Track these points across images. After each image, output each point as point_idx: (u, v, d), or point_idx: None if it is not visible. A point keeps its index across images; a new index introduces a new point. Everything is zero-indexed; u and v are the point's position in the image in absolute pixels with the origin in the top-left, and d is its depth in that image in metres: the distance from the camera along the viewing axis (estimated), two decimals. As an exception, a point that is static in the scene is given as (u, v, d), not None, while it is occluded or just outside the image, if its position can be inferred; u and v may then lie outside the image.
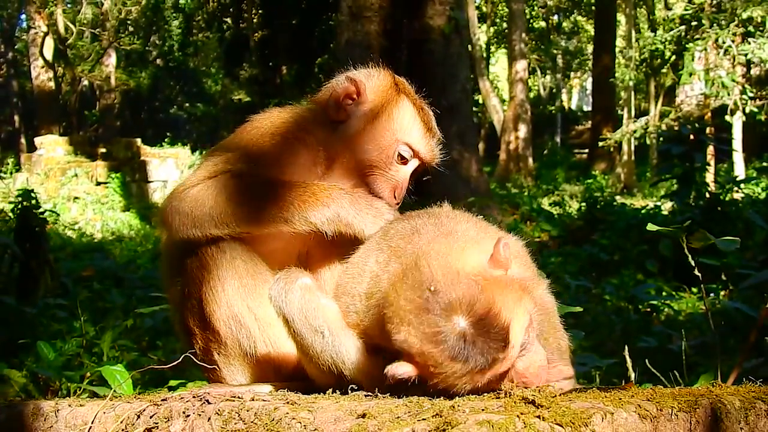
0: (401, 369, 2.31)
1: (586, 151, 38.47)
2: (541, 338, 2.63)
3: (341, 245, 2.98)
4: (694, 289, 10.75)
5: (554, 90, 60.40)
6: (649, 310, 10.03)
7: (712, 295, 10.16)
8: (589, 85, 54.61)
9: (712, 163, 20.14)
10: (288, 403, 2.32)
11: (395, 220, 2.98)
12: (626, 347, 3.45)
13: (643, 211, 16.06)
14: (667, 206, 16.47)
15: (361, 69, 3.37)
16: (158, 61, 51.46)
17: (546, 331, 2.72)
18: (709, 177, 16.24)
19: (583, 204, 17.63)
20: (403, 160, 3.25)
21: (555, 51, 54.32)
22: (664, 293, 10.73)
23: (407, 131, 3.25)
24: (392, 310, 2.33)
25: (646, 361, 3.91)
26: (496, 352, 2.25)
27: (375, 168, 3.21)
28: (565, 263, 13.19)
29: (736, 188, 15.06)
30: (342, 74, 3.34)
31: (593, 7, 41.06)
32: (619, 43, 36.05)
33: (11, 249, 10.37)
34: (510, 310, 2.28)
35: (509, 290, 2.34)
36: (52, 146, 26.40)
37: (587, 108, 56.33)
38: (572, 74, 61.06)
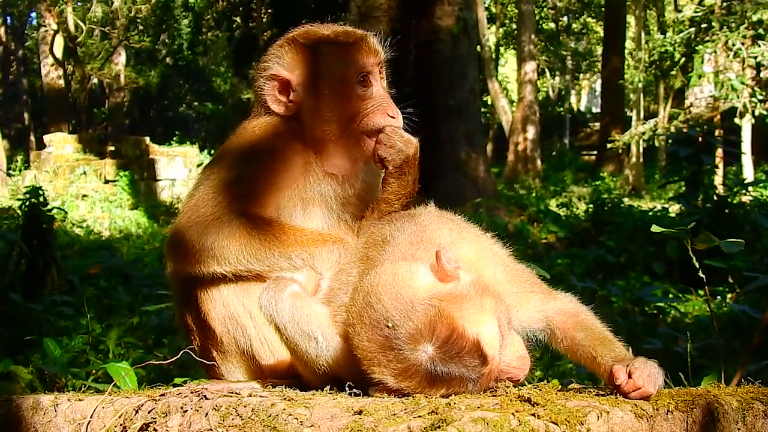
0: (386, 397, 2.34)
1: (595, 152, 38.39)
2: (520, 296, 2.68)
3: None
4: (701, 292, 10.70)
5: (563, 91, 60.30)
6: (655, 312, 10.00)
7: (718, 297, 10.13)
8: (598, 86, 54.49)
9: (721, 165, 20.10)
10: (285, 399, 2.34)
11: (377, 224, 2.97)
12: (630, 349, 3.43)
13: (650, 214, 16.02)
14: (674, 208, 16.44)
15: (268, 57, 3.30)
16: (167, 59, 51.51)
17: (516, 281, 2.73)
18: (718, 179, 16.23)
19: (591, 206, 17.58)
20: (364, 80, 3.15)
21: (564, 52, 54.18)
22: (670, 295, 10.69)
23: (340, 59, 3.17)
24: (359, 352, 2.34)
25: (651, 362, 3.88)
26: (477, 369, 2.25)
27: (353, 111, 3.11)
28: (572, 265, 13.15)
29: (744, 191, 15.01)
30: (259, 77, 3.28)
31: (603, 9, 40.95)
32: (629, 44, 35.98)
33: (19, 246, 10.41)
34: (475, 323, 2.27)
35: (467, 301, 2.31)
36: (61, 144, 26.48)
37: (596, 110, 56.19)
38: (581, 76, 60.93)
